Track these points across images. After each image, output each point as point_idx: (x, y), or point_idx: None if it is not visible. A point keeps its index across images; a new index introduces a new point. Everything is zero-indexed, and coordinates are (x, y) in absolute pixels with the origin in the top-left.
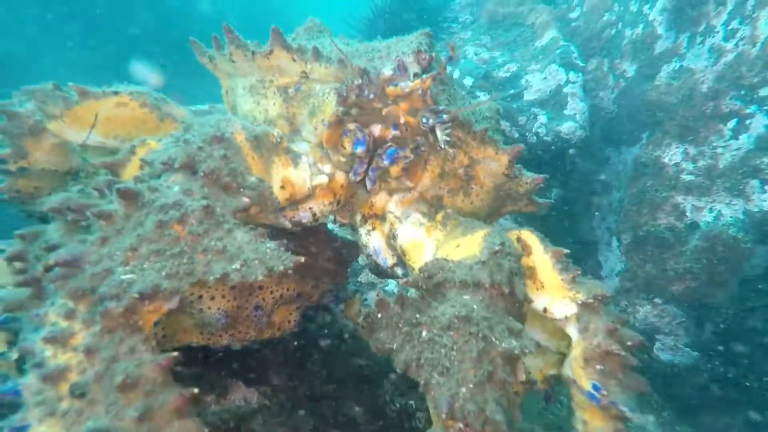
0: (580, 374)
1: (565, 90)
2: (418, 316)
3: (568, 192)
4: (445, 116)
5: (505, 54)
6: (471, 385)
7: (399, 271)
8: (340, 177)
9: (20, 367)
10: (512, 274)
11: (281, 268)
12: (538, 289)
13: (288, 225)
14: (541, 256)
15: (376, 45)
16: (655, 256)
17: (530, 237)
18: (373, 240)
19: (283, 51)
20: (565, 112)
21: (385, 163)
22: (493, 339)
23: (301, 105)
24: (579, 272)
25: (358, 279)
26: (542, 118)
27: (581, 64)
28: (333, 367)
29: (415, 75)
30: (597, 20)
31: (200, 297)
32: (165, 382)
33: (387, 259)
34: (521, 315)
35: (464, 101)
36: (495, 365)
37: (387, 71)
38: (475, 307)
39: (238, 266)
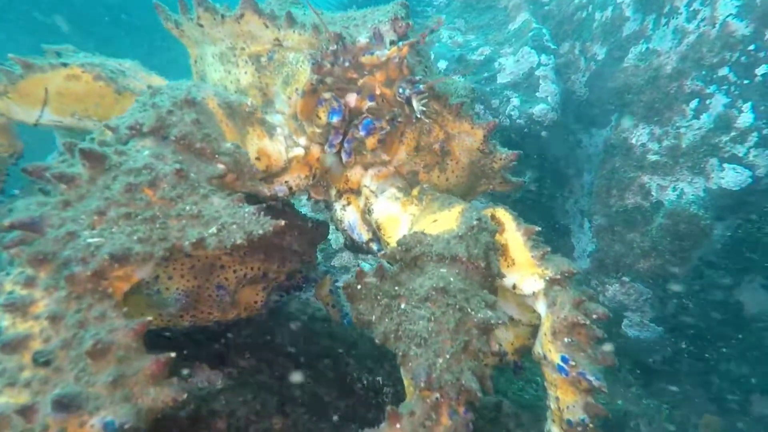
0: (549, 348)
1: (537, 73)
2: (396, 288)
3: (541, 174)
4: (421, 86)
5: (479, 37)
6: (447, 356)
7: (374, 246)
8: (316, 150)
9: None
10: (488, 248)
11: (260, 231)
12: (509, 266)
13: (267, 192)
14: (513, 234)
15: (352, 14)
16: (624, 236)
17: (504, 215)
18: (348, 215)
19: (255, 15)
20: (537, 94)
21: (361, 133)
22: (470, 310)
23: (274, 74)
24: (548, 250)
25: (332, 263)
26: (515, 101)
27: (553, 47)
28: (301, 349)
29: (392, 43)
30: (569, 3)
31: (157, 277)
32: (139, 348)
33: (362, 234)
34: (494, 289)
35: (440, 76)
36: (470, 335)
37: (363, 39)
38: (452, 279)
39: (215, 231)
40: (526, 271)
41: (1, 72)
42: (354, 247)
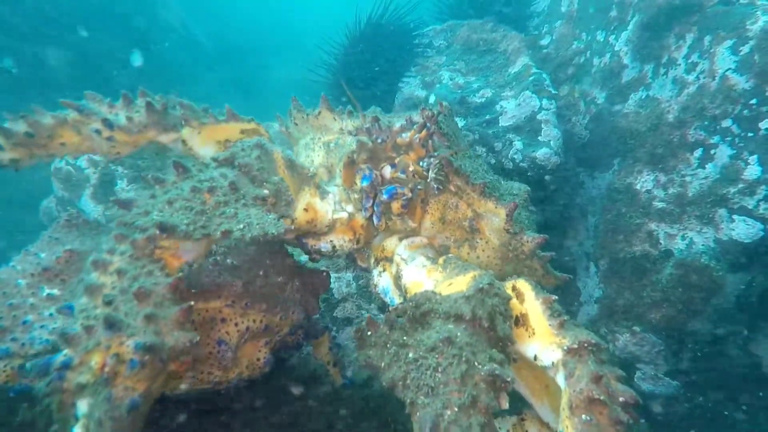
0: (566, 425)
1: (539, 116)
2: (405, 338)
3: (546, 217)
4: (435, 156)
5: (480, 79)
6: (456, 408)
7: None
8: (359, 218)
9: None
10: (495, 312)
11: (274, 232)
12: (529, 337)
13: (311, 245)
14: (532, 303)
15: (399, 113)
16: (632, 283)
17: (524, 285)
18: (382, 280)
19: (328, 112)
20: (540, 138)
21: (384, 197)
22: (476, 363)
23: (335, 155)
24: (566, 318)
25: (334, 314)
26: (518, 144)
27: (553, 92)
28: (306, 423)
29: (421, 128)
30: (567, 48)
31: None
32: (173, 299)
33: (394, 298)
34: (505, 353)
35: (474, 162)
36: (479, 390)
37: (397, 124)
38: (458, 334)
39: (241, 226)
40: (545, 340)
41: (210, 114)
42: (385, 310)
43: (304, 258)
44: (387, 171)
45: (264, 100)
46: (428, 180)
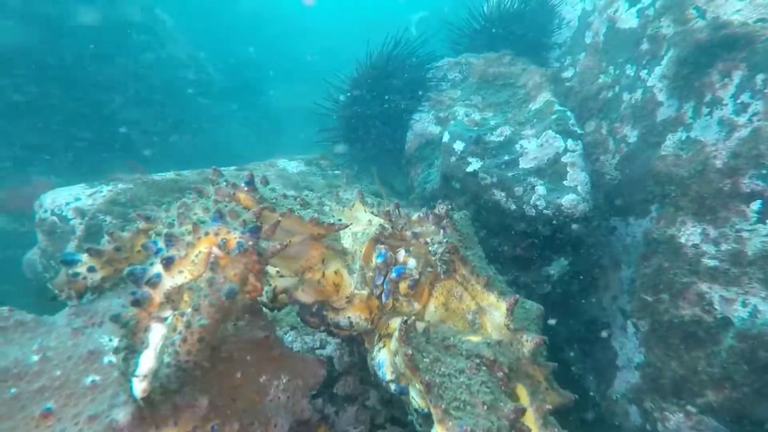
0: None
1: (563, 159)
2: (437, 353)
3: (574, 269)
4: (444, 243)
5: (498, 116)
6: None
7: (392, 387)
8: (374, 299)
9: None
10: (514, 363)
11: (330, 221)
12: None
13: (333, 318)
14: (527, 410)
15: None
16: (682, 353)
17: (521, 391)
18: (380, 355)
19: (360, 204)
20: (565, 183)
21: (393, 275)
22: (499, 401)
23: (359, 242)
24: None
25: (334, 390)
26: (540, 190)
27: (579, 132)
28: None
29: (437, 222)
30: (592, 81)
31: None
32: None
33: (386, 374)
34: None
35: (483, 263)
36: (502, 425)
37: (416, 215)
38: (483, 367)
39: (311, 211)
40: None
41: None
42: (375, 384)
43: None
44: (401, 254)
45: (275, 128)
46: (436, 260)
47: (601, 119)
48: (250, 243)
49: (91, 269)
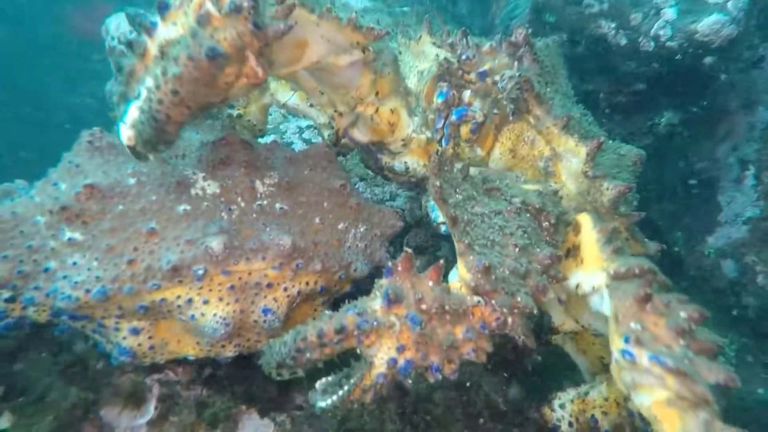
0: (616, 343)
1: None
2: (474, 192)
3: (686, 112)
4: (515, 76)
5: None
6: (508, 271)
7: (442, 228)
8: (435, 144)
9: None
10: (561, 216)
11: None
12: (577, 266)
13: (387, 161)
14: (588, 232)
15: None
16: None
17: (584, 217)
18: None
19: (428, 36)
20: (710, 0)
21: (454, 118)
22: (535, 244)
23: (423, 82)
24: (620, 246)
25: (405, 241)
26: (669, 14)
27: None
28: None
29: (510, 54)
30: None
31: (189, 300)
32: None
33: (439, 216)
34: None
35: (570, 102)
36: (533, 268)
37: (488, 44)
38: (525, 215)
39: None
40: (592, 266)
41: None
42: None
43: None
44: (466, 94)
45: None
46: (504, 99)
47: None
48: (245, 4)
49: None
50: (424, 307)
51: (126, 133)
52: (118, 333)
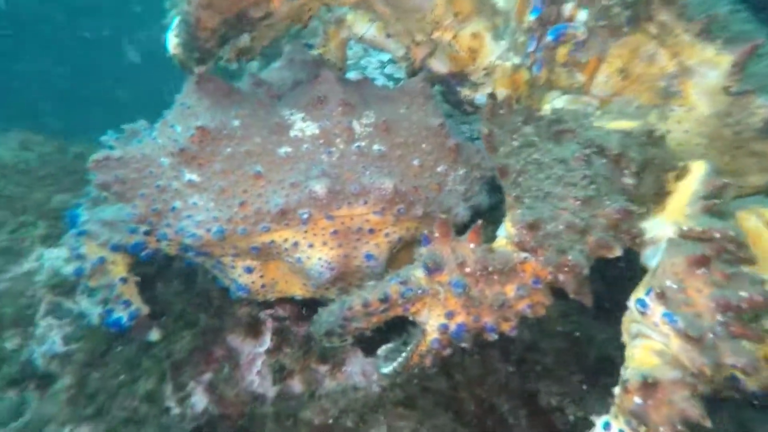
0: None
1: None
2: (535, 138)
3: None
4: None
5: None
6: (561, 226)
7: None
8: (524, 71)
9: None
10: (652, 165)
11: None
12: (654, 215)
13: (467, 94)
14: (691, 181)
15: None
16: None
17: (699, 164)
18: None
19: None
20: None
21: (549, 38)
22: (604, 196)
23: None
24: (719, 208)
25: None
26: None
27: None
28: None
29: None
30: None
31: (296, 244)
32: None
33: None
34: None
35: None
36: (597, 222)
37: None
38: (598, 163)
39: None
40: (669, 217)
41: None
42: None
43: None
44: (568, 7)
45: None
46: (615, 6)
47: None
48: None
49: None
50: (468, 270)
51: (172, 41)
52: (234, 270)
